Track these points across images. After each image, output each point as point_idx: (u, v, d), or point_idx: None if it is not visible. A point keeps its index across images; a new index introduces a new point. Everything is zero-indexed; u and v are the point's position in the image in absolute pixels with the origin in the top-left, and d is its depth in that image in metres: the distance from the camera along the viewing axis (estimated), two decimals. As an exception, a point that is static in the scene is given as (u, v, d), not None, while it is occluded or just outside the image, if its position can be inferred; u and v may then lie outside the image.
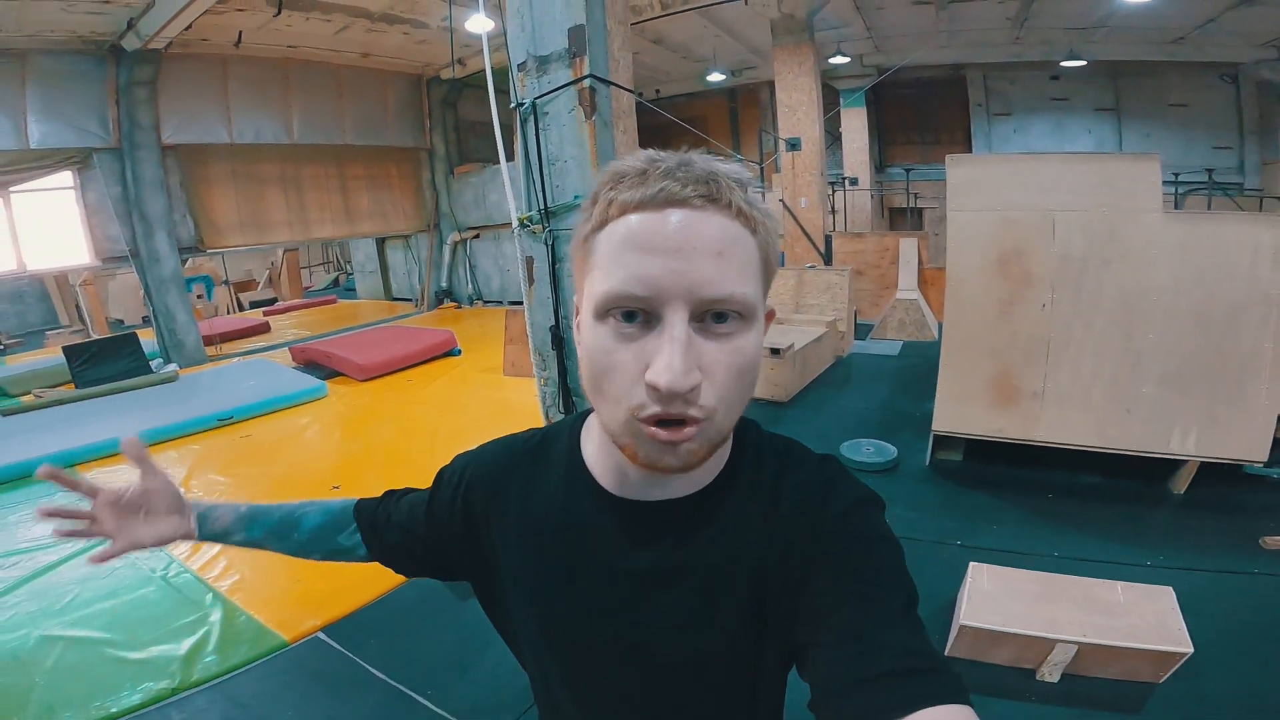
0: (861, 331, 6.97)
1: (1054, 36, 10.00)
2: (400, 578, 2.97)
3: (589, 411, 0.66)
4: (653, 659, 0.61)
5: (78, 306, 13.31)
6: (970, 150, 12.72)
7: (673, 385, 0.46)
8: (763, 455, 0.63)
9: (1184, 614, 2.07)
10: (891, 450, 3.72)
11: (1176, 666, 1.98)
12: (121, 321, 13.19)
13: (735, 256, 0.49)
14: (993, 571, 2.27)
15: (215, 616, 2.73)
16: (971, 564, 2.31)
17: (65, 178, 7.51)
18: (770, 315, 0.58)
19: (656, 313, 0.48)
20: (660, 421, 0.48)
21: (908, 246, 7.28)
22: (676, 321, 0.47)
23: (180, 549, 3.26)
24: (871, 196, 12.64)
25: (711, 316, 0.49)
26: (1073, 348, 3.10)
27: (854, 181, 11.88)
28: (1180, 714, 1.95)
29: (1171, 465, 3.14)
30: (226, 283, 15.28)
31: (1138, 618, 2.03)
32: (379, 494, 0.83)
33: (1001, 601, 2.14)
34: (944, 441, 3.58)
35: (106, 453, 4.74)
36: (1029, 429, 3.21)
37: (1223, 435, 2.95)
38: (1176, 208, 10.68)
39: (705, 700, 0.63)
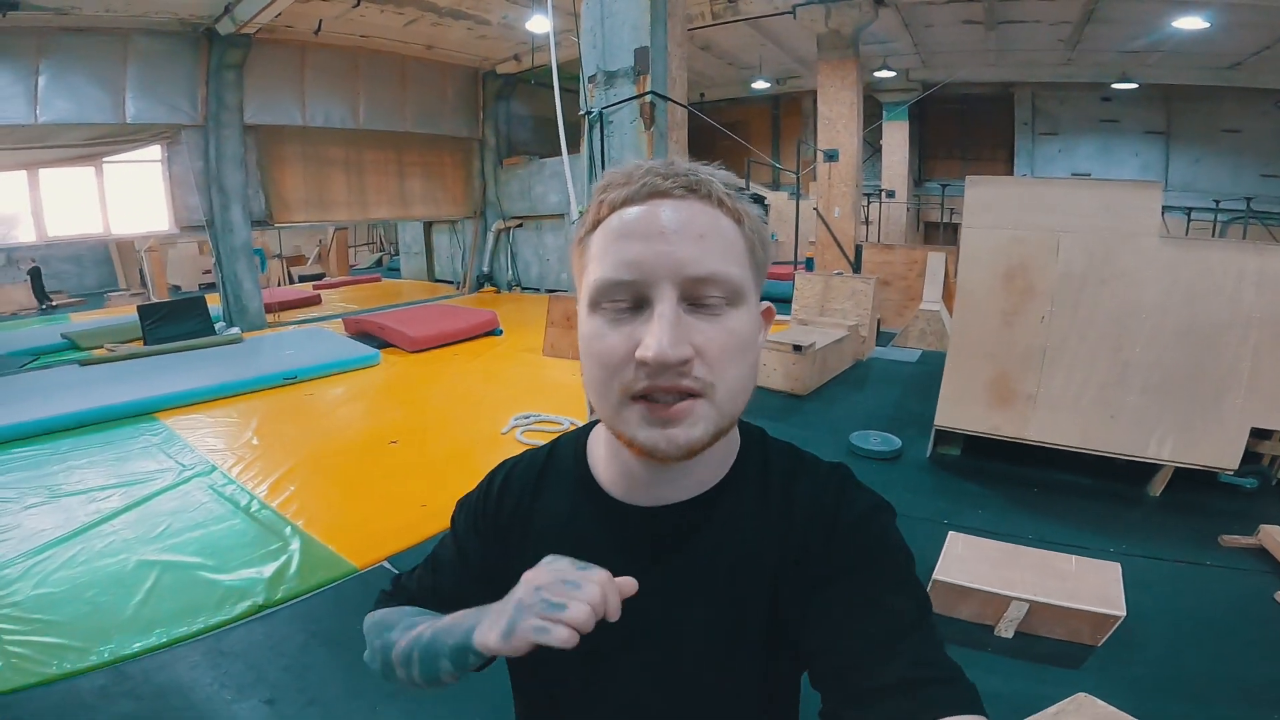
0: (885, 339, 7.25)
1: (1107, 59, 10.03)
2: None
3: (595, 423, 0.67)
4: (664, 668, 0.60)
5: (141, 271, 14.18)
6: (1012, 169, 12.77)
7: (661, 356, 0.47)
8: (770, 459, 0.63)
9: (1135, 593, 2.37)
10: (896, 441, 4.05)
11: (1112, 630, 2.28)
12: (179, 287, 13.99)
13: (719, 239, 0.51)
14: (967, 540, 2.61)
15: (295, 545, 3.09)
16: (950, 533, 2.66)
17: (153, 151, 8.19)
18: (768, 312, 0.59)
19: (646, 296, 0.50)
20: (655, 400, 0.49)
21: (935, 260, 7.52)
22: (664, 300, 0.49)
23: (260, 487, 3.73)
24: (907, 210, 12.78)
25: (701, 297, 0.50)
26: (1066, 357, 3.40)
27: (891, 194, 12.03)
28: (1110, 674, 2.22)
29: (1151, 469, 3.41)
30: (279, 256, 16.11)
31: (1083, 585, 2.35)
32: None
33: (970, 564, 2.47)
34: (945, 436, 3.89)
35: (181, 403, 5.29)
36: (1021, 429, 3.52)
37: (1197, 443, 3.22)
38: (1220, 235, 10.63)
39: (715, 709, 0.62)
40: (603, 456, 0.63)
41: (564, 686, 0.67)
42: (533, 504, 0.67)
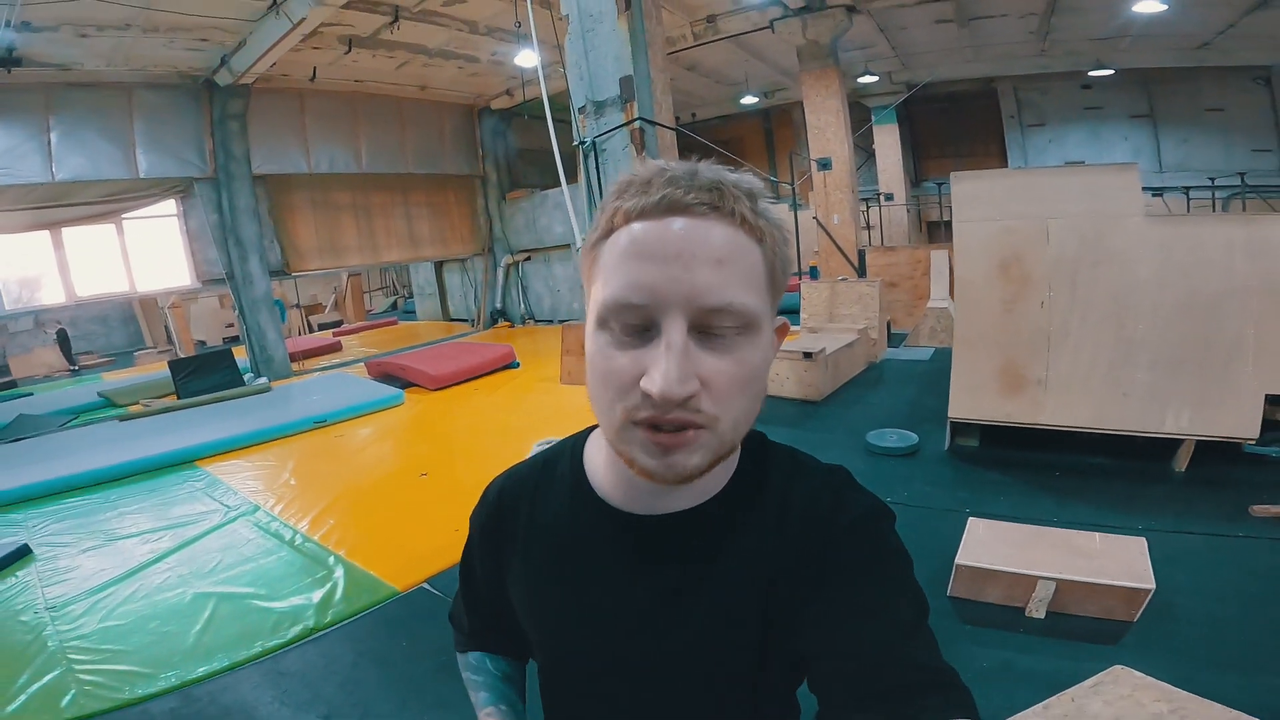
0: (897, 340, 7.33)
1: (1079, 47, 10.19)
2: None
3: (593, 429, 0.67)
4: (662, 674, 0.60)
5: (166, 328, 14.56)
6: (1005, 161, 12.88)
7: (666, 393, 0.45)
8: (769, 465, 0.62)
9: (1168, 568, 2.40)
10: (913, 437, 4.12)
11: (1145, 604, 2.33)
12: (204, 342, 14.34)
13: (737, 265, 0.48)
14: (988, 525, 2.67)
15: (339, 573, 3.27)
16: (970, 519, 2.72)
17: (169, 205, 8.50)
18: (783, 328, 0.57)
19: (655, 321, 0.48)
20: (657, 427, 0.48)
21: (938, 258, 7.60)
22: (674, 330, 0.47)
23: (302, 522, 3.89)
24: (908, 211, 12.90)
25: (713, 327, 0.48)
26: (1071, 339, 3.48)
27: (889, 197, 12.17)
28: (1151, 648, 2.24)
29: (1172, 445, 3.45)
30: (298, 305, 16.50)
31: (1110, 561, 2.41)
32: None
33: (993, 547, 2.54)
34: (961, 429, 3.96)
35: (219, 450, 5.50)
36: (1034, 414, 3.58)
37: (1214, 414, 3.27)
38: (1224, 210, 10.63)
39: (713, 713, 0.62)
40: (601, 464, 0.63)
41: (564, 690, 0.68)
42: (531, 510, 0.67)
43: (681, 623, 0.59)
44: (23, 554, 3.76)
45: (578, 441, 0.68)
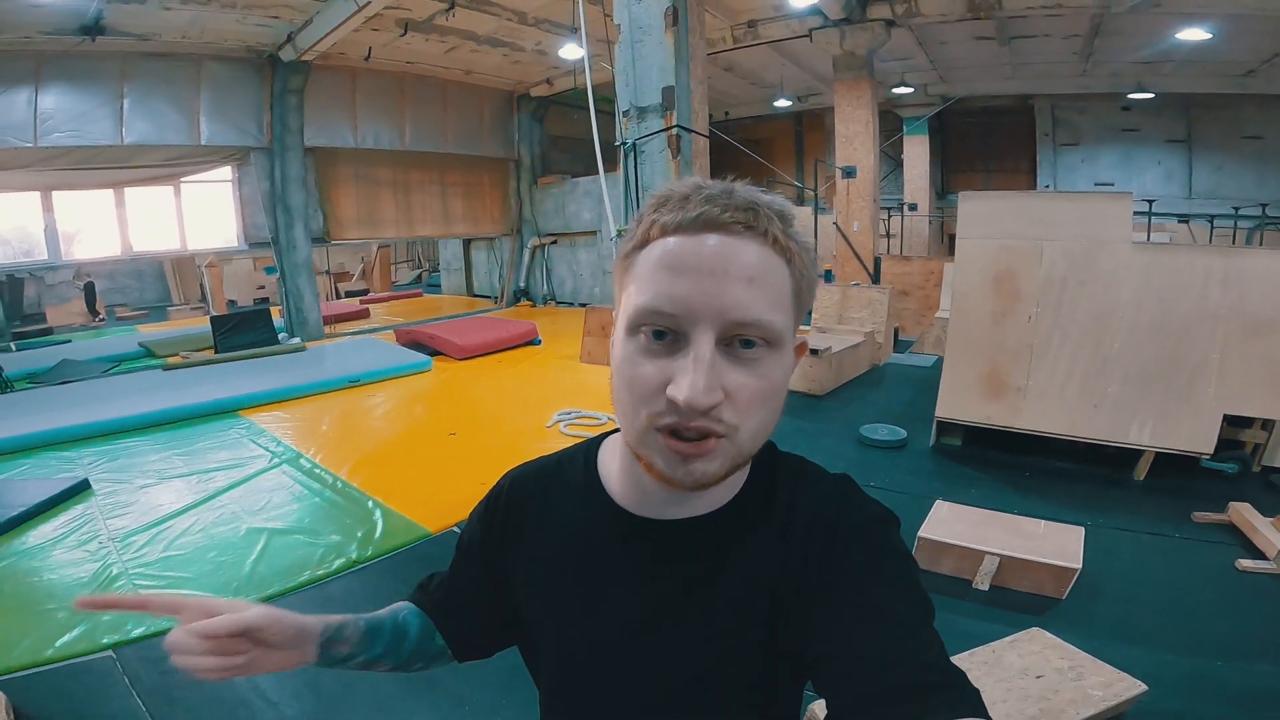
0: (903, 346, 7.62)
1: (1122, 69, 10.21)
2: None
3: (607, 434, 0.69)
4: (669, 677, 0.61)
5: (201, 286, 15.11)
6: (1035, 180, 12.94)
7: (692, 401, 0.48)
8: (778, 474, 0.64)
9: (1105, 559, 2.72)
10: (902, 432, 4.46)
11: (1072, 582, 2.65)
12: (234, 301, 14.79)
13: (768, 284, 0.51)
14: (950, 507, 3.02)
15: (377, 515, 3.61)
16: (938, 501, 3.07)
17: (224, 172, 9.00)
18: (801, 348, 0.58)
19: (684, 332, 0.50)
20: (679, 435, 0.50)
21: (950, 270, 7.85)
22: (703, 342, 0.49)
23: (341, 470, 4.28)
24: (930, 222, 13.00)
25: (739, 342, 0.50)
26: (1051, 352, 3.78)
27: (913, 207, 12.28)
28: (1073, 620, 2.51)
29: (1135, 455, 3.75)
30: (327, 272, 17.03)
31: (1048, 544, 2.74)
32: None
33: (951, 525, 2.88)
34: (947, 428, 4.28)
35: (259, 402, 5.89)
36: (1012, 418, 3.90)
37: (1175, 429, 3.57)
38: (1247, 243, 10.64)
39: (718, 716, 0.62)
40: (616, 469, 0.65)
41: (570, 693, 0.68)
42: (542, 510, 0.69)
43: (690, 627, 0.60)
44: (83, 488, 4.00)
45: (591, 446, 0.71)
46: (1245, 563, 2.87)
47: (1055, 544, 2.74)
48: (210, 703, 2.23)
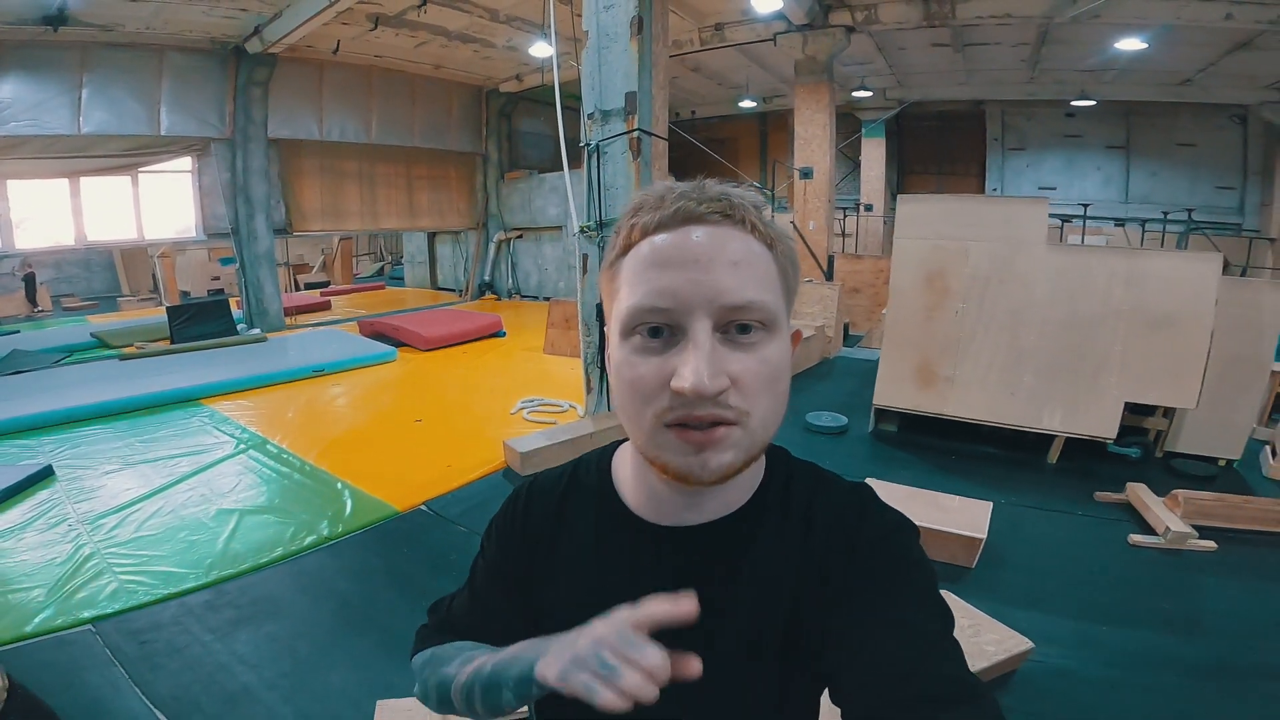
0: (853, 341, 8.01)
1: (1066, 77, 10.67)
2: (481, 470, 4.06)
3: (619, 443, 0.69)
4: (687, 686, 0.56)
5: (154, 276, 14.75)
6: (984, 182, 13.53)
7: (698, 387, 0.47)
8: (793, 479, 0.63)
9: (1012, 534, 3.02)
10: (843, 419, 4.78)
11: (979, 551, 2.95)
12: (188, 292, 14.50)
13: (753, 267, 0.52)
14: (879, 484, 3.30)
15: (347, 495, 3.75)
16: (868, 479, 3.36)
17: (184, 162, 8.87)
18: (797, 336, 0.59)
19: (680, 325, 0.50)
20: (688, 426, 0.50)
21: (900, 267, 8.26)
22: (700, 330, 0.49)
23: (309, 454, 4.40)
24: (885, 222, 13.46)
25: (736, 328, 0.50)
26: (975, 345, 4.13)
27: (869, 208, 12.72)
28: (980, 587, 2.76)
29: (1048, 440, 4.13)
30: (286, 264, 16.76)
31: (960, 516, 3.04)
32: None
33: (877, 500, 3.17)
34: (884, 415, 4.61)
35: (222, 391, 5.93)
36: (941, 405, 4.24)
37: (1082, 416, 3.94)
38: (1180, 247, 11.28)
39: None
40: (629, 478, 0.65)
41: (586, 708, 0.64)
42: (557, 523, 0.68)
43: (707, 633, 0.57)
44: (46, 474, 4.00)
45: (604, 454, 0.71)
46: (1136, 538, 3.18)
47: (967, 517, 3.05)
48: (191, 667, 2.37)
